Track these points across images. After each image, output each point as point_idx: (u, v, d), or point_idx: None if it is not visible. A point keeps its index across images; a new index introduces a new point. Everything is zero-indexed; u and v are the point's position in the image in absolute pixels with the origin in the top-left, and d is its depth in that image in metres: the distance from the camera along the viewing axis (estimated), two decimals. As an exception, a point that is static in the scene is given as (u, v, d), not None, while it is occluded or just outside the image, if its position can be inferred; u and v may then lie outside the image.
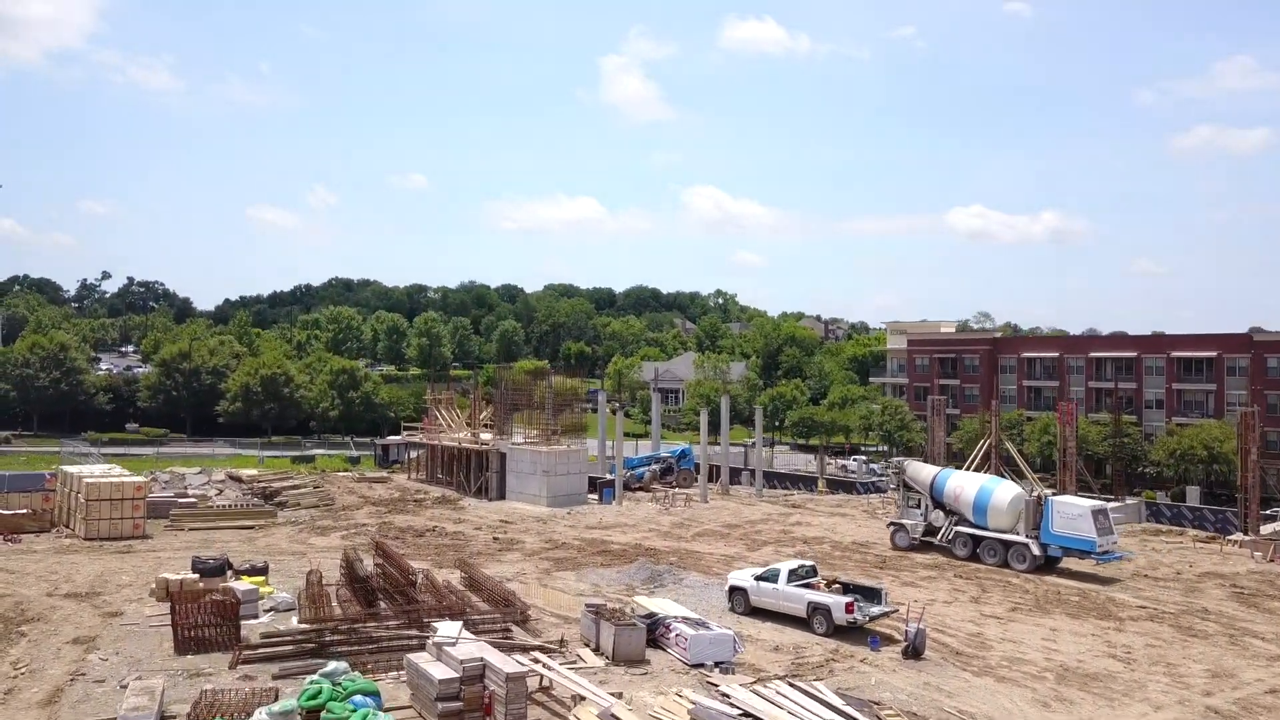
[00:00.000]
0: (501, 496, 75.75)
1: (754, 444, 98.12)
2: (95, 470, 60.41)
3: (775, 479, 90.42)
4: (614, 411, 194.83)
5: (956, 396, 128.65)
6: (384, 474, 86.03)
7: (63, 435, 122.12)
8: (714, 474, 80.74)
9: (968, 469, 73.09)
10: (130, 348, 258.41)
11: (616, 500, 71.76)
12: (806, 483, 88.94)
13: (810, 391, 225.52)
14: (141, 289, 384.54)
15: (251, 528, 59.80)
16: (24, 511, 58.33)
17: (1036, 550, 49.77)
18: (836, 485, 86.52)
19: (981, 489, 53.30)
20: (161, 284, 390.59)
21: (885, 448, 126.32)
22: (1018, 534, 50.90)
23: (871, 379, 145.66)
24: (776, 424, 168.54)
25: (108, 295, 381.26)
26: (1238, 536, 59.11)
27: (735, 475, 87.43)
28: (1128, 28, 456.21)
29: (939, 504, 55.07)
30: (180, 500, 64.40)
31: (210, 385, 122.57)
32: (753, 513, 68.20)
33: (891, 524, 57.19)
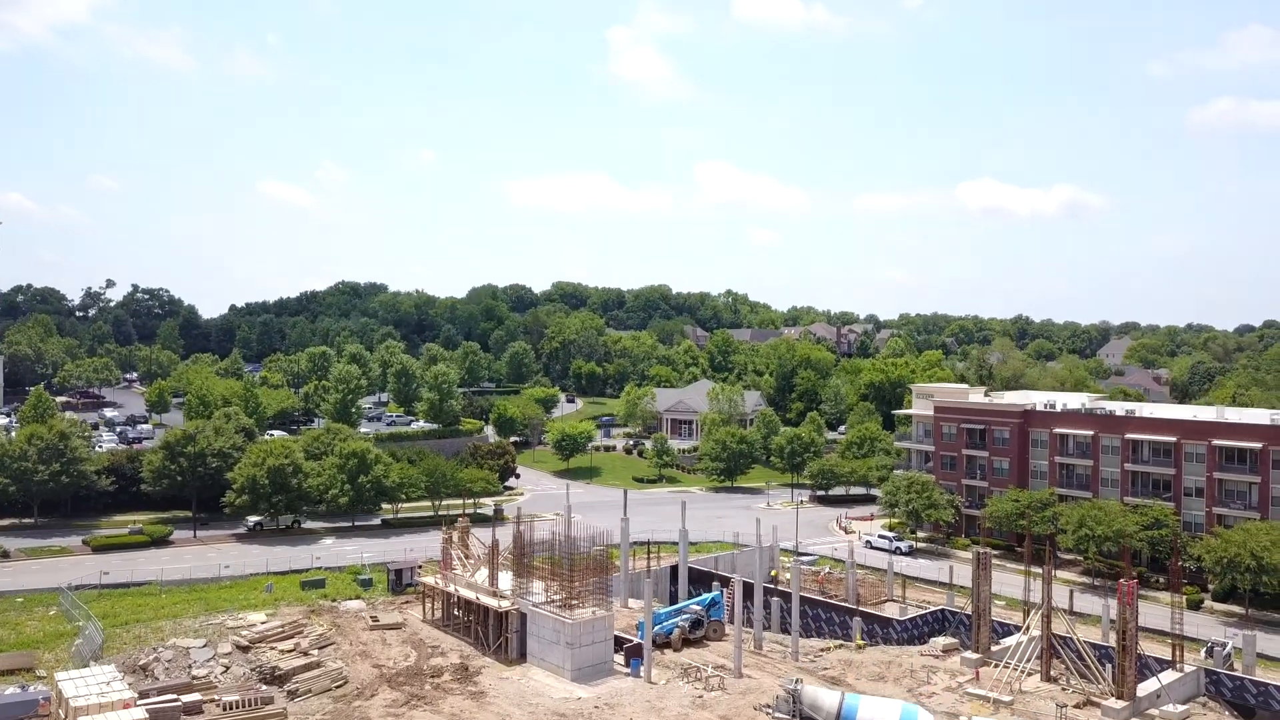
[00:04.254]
0: (522, 656, 72.13)
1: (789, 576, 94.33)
2: (90, 685, 56.56)
3: (805, 605, 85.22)
4: (629, 451, 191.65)
5: (985, 469, 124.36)
6: (397, 613, 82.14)
7: (63, 519, 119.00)
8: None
9: (1022, 658, 69.07)
10: (133, 375, 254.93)
11: (645, 672, 67.87)
12: (840, 624, 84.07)
13: (826, 417, 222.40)
14: (146, 296, 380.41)
15: (260, 746, 56.22)
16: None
17: None
18: (873, 625, 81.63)
19: None
20: (166, 291, 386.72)
21: (911, 525, 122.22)
22: None
23: (897, 443, 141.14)
24: (794, 465, 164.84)
25: (112, 304, 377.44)
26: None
27: (767, 599, 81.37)
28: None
29: None
30: (184, 697, 60.72)
31: (216, 469, 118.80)
32: (790, 697, 64.16)
33: None
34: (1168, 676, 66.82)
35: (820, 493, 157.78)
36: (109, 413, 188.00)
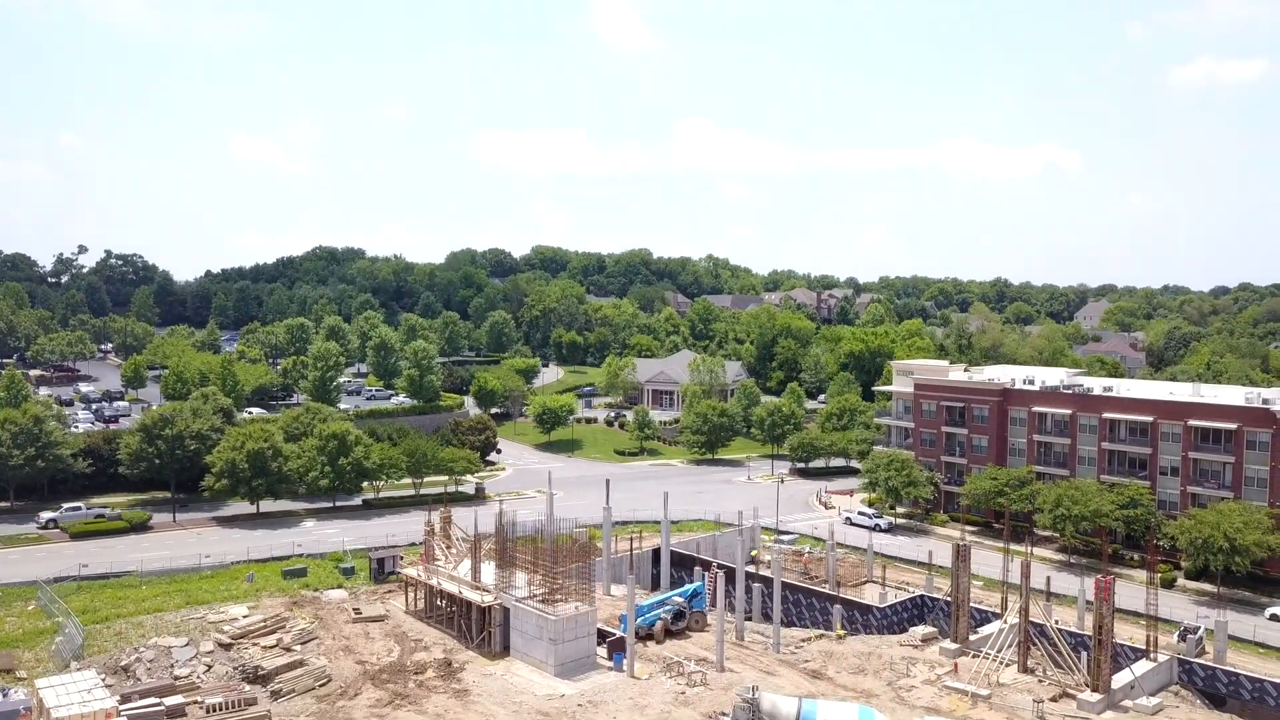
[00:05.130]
0: (505, 650, 72.46)
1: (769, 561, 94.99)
2: (71, 693, 56.35)
3: (786, 591, 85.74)
4: (610, 424, 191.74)
5: (964, 446, 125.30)
6: (380, 604, 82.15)
7: (40, 503, 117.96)
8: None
9: (998, 647, 70.00)
10: (108, 347, 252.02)
11: (629, 666, 68.33)
12: (821, 610, 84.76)
13: (806, 386, 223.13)
14: (120, 262, 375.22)
15: (245, 751, 56.36)
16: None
17: None
18: (854, 613, 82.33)
19: None
20: (140, 257, 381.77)
21: (891, 501, 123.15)
22: None
23: (877, 419, 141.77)
24: (775, 437, 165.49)
25: (85, 270, 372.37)
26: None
27: (748, 585, 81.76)
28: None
29: None
30: (167, 700, 60.69)
31: (195, 452, 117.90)
32: (772, 693, 64.78)
33: None
34: (1141, 667, 67.94)
35: (800, 465, 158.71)
36: (84, 387, 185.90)
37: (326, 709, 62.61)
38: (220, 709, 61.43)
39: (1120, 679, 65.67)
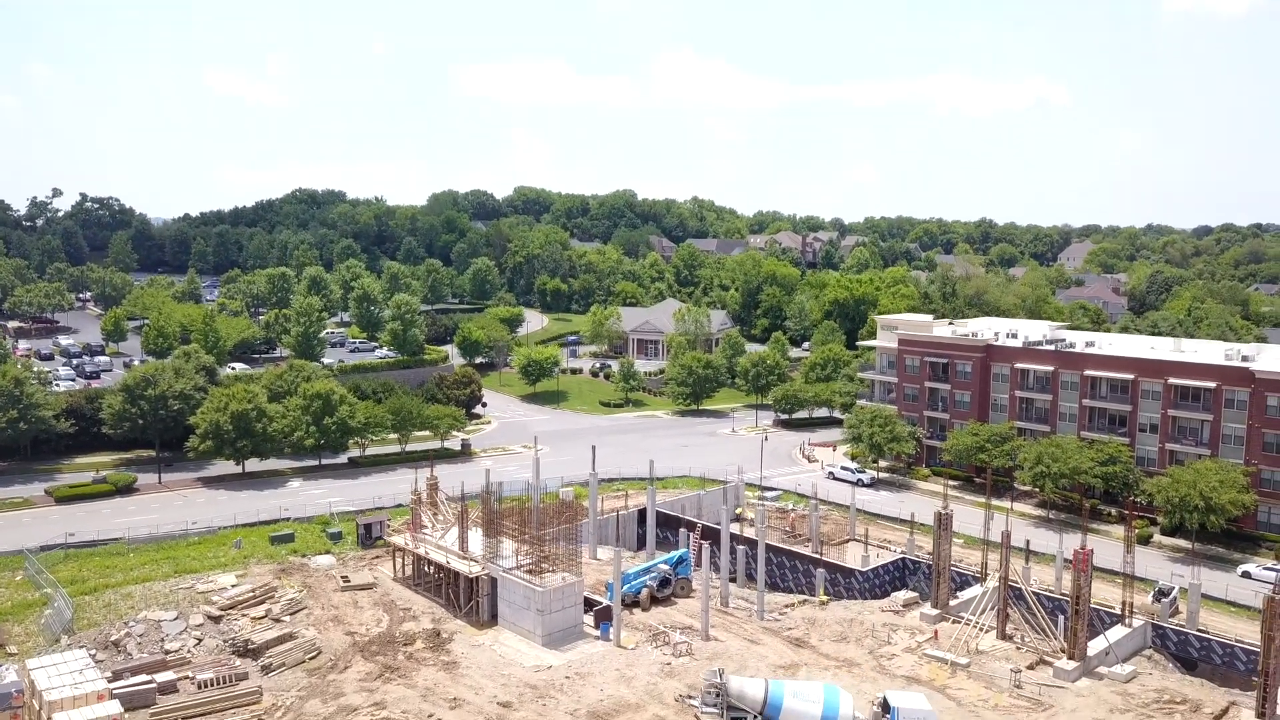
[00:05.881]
0: (493, 618, 73.36)
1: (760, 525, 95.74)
2: (63, 674, 56.82)
3: (770, 553, 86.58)
4: (595, 374, 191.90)
5: (947, 401, 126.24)
6: (368, 571, 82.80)
7: (23, 463, 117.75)
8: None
9: (978, 610, 71.33)
10: (87, 295, 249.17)
11: (615, 635, 69.37)
12: (804, 573, 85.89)
13: (790, 334, 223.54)
14: (96, 205, 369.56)
15: (237, 728, 57.30)
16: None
17: None
18: (836, 575, 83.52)
19: (827, 703, 51.74)
20: (117, 200, 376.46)
21: (873, 456, 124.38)
22: None
23: (861, 373, 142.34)
24: (759, 388, 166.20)
25: (60, 214, 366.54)
26: None
27: (733, 547, 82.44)
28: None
29: None
30: (158, 676, 61.38)
31: (178, 412, 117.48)
32: (755, 662, 66.11)
33: None
34: (1116, 633, 69.50)
35: (784, 416, 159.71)
36: (64, 340, 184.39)
37: (317, 683, 63.41)
38: (211, 684, 62.19)
39: (1095, 645, 67.22)
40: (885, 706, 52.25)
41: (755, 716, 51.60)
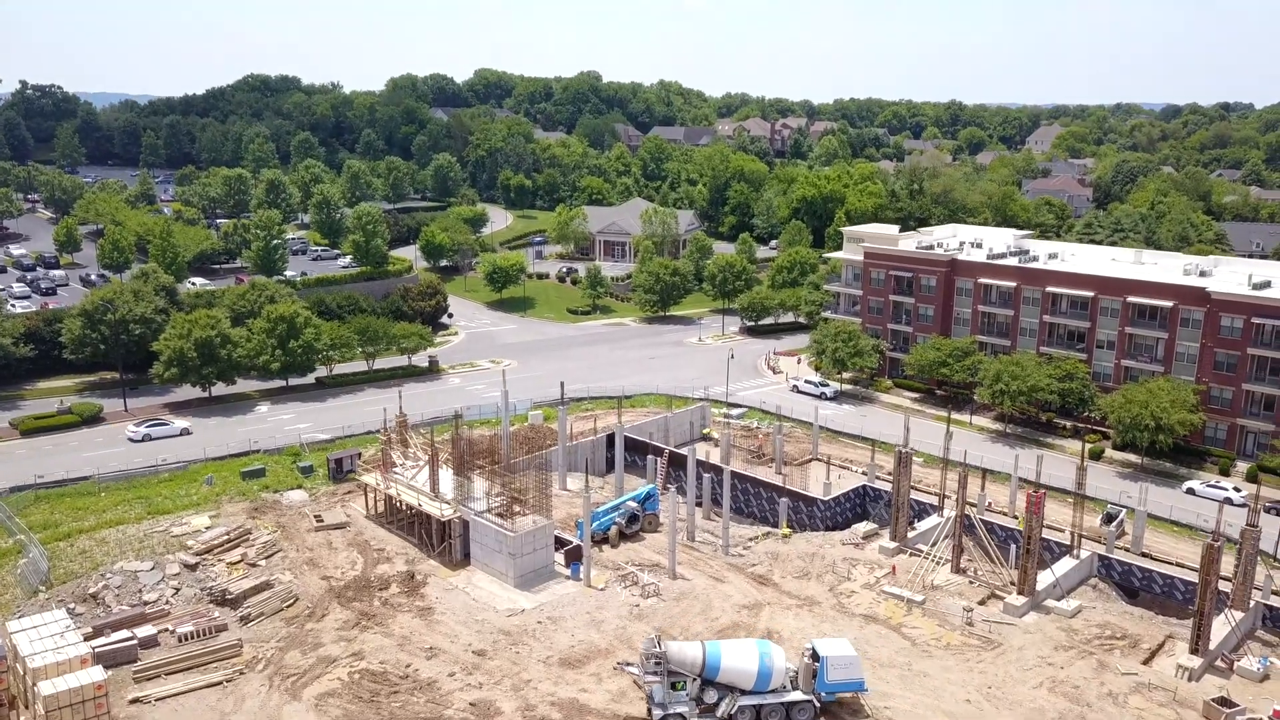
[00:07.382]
0: (466, 558, 75.26)
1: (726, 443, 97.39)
2: (43, 637, 58.01)
3: (735, 480, 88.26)
4: (562, 279, 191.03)
5: (911, 315, 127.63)
6: (340, 509, 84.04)
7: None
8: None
9: (934, 543, 74.08)
10: (36, 197, 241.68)
11: (585, 574, 71.59)
12: (768, 500, 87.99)
13: (758, 233, 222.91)
14: (38, 94, 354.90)
15: (220, 683, 59.21)
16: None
17: (818, 704, 55.05)
18: (799, 504, 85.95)
19: (761, 659, 54.93)
20: (59, 88, 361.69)
21: (839, 372, 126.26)
22: (800, 693, 55.07)
23: (827, 286, 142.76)
24: (726, 293, 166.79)
25: (0, 104, 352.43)
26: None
27: (699, 475, 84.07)
28: None
29: (711, 683, 54.77)
30: (138, 630, 62.92)
31: (140, 335, 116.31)
32: (720, 602, 68.78)
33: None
34: (1063, 566, 72.78)
35: (750, 324, 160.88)
36: (15, 250, 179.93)
37: (295, 633, 65.23)
38: (192, 637, 63.83)
39: (1044, 579, 70.46)
40: (814, 655, 55.15)
41: (695, 678, 54.22)
